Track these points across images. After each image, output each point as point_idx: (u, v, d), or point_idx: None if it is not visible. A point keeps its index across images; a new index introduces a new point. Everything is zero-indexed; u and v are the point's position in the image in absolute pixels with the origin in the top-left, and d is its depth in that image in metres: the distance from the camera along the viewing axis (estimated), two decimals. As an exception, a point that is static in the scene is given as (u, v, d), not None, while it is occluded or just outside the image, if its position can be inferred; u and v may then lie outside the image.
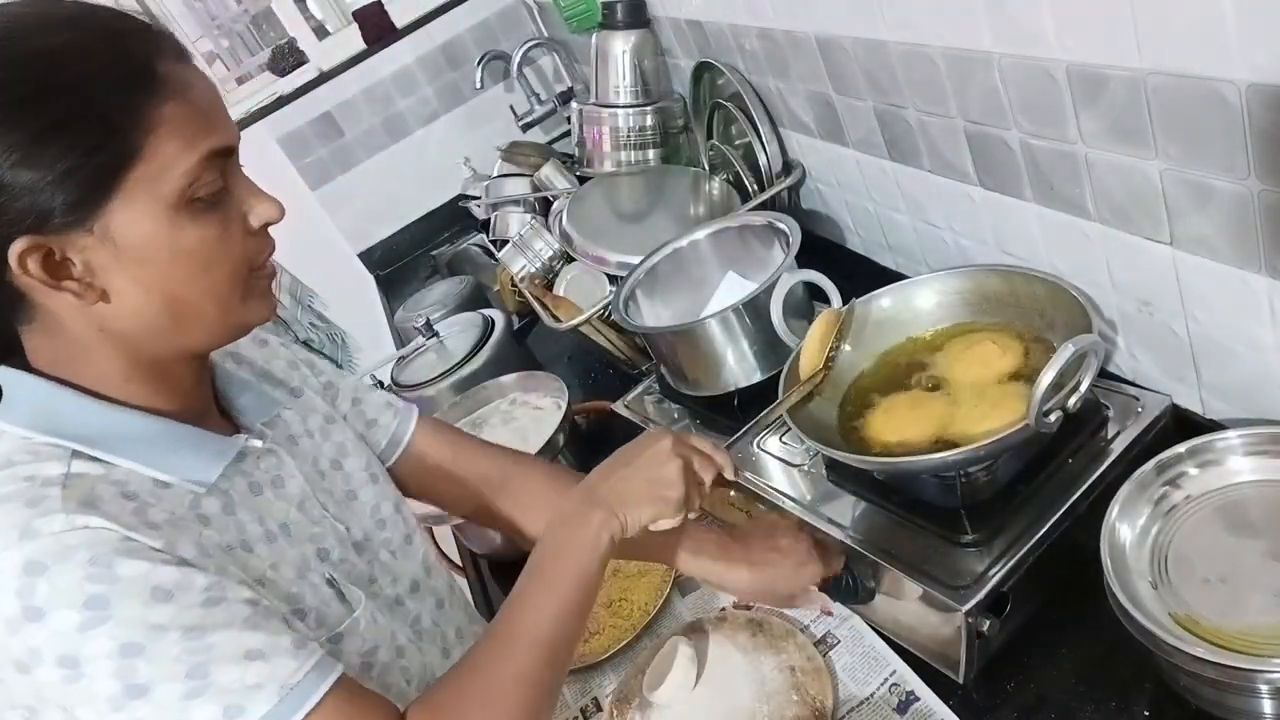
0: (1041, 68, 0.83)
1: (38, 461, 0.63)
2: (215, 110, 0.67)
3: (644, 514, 0.78)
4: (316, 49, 2.61)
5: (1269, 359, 0.81)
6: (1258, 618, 0.70)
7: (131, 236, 0.63)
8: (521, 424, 1.43)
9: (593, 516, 0.77)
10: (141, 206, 0.63)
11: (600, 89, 1.73)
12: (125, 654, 0.58)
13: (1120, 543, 0.78)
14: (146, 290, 0.65)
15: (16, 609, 0.57)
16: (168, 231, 0.64)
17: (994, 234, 1.08)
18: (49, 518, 0.59)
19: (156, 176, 0.62)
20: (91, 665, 0.58)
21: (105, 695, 0.58)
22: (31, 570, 0.57)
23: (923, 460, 0.88)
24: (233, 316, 0.71)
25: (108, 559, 0.59)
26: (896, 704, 0.88)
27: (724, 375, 1.19)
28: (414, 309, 1.98)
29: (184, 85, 0.64)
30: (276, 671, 0.62)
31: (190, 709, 0.59)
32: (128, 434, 0.68)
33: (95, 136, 0.60)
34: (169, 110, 0.62)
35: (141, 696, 0.58)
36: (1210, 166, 0.73)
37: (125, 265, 0.64)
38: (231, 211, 0.68)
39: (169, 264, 0.65)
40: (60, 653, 0.58)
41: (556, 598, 0.74)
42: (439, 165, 2.54)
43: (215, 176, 0.66)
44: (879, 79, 1.09)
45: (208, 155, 0.64)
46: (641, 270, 1.34)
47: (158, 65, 0.63)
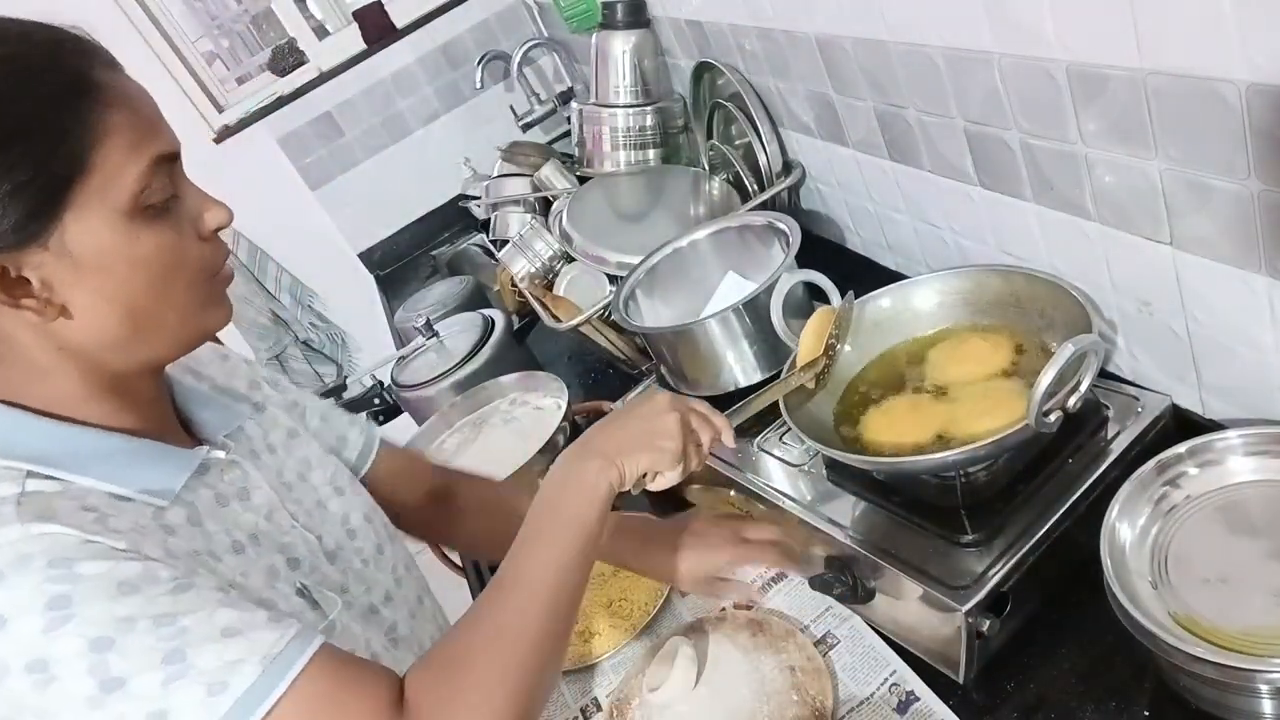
0: (1041, 68, 0.83)
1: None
2: (156, 117, 0.67)
3: (640, 462, 0.78)
4: (317, 49, 2.61)
5: (1269, 359, 0.81)
6: (1258, 618, 0.69)
7: (88, 248, 0.62)
8: (521, 424, 1.43)
9: (589, 464, 0.76)
10: (96, 217, 0.62)
11: (600, 89, 1.73)
12: (96, 649, 0.57)
13: (1120, 543, 0.78)
14: (108, 302, 0.65)
15: None
16: (124, 240, 0.64)
17: (994, 234, 1.08)
18: (4, 529, 0.58)
19: (107, 186, 0.62)
20: (62, 666, 0.57)
21: (82, 695, 0.57)
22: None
23: (923, 460, 0.88)
24: (192, 323, 0.70)
25: (67, 561, 0.58)
26: (896, 704, 0.88)
27: (724, 375, 1.19)
28: (414, 309, 1.98)
29: (123, 94, 0.64)
30: (256, 645, 0.61)
31: (171, 694, 0.58)
32: (84, 451, 0.67)
33: (42, 150, 0.60)
34: (112, 118, 0.62)
35: (119, 690, 0.57)
36: (1210, 166, 0.73)
37: (84, 278, 0.63)
38: (183, 218, 0.68)
39: (128, 273, 0.64)
40: (28, 659, 0.57)
41: (555, 545, 0.73)
42: (439, 165, 2.54)
43: (165, 183, 0.66)
44: (879, 79, 1.09)
45: (154, 160, 0.64)
46: (641, 270, 1.34)
47: (95, 75, 0.63)
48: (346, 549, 0.85)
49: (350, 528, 0.87)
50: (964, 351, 1.00)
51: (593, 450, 0.78)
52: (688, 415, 0.81)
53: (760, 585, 1.07)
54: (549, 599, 0.70)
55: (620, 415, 0.82)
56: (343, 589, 0.81)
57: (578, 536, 0.74)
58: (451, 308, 1.91)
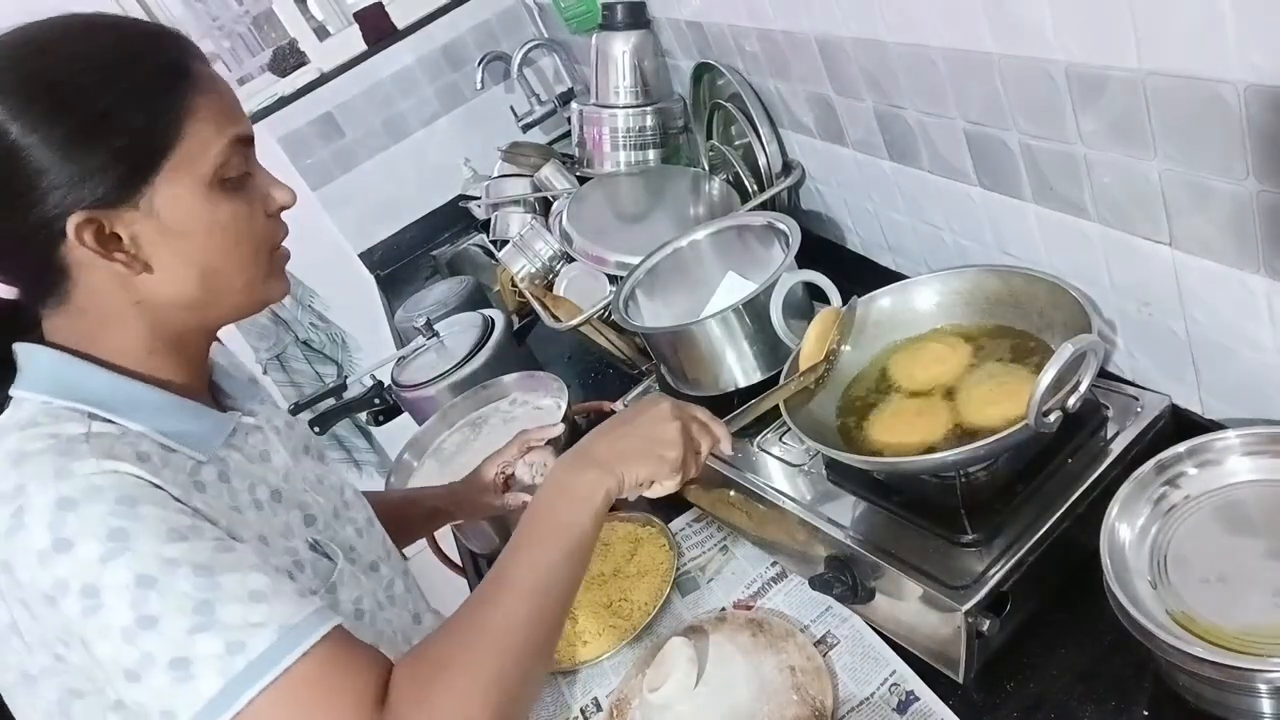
0: (1041, 68, 0.83)
1: (58, 422, 0.68)
2: (237, 105, 0.75)
3: (640, 471, 0.78)
4: (317, 50, 2.61)
5: (1268, 359, 0.81)
6: (1257, 617, 0.70)
7: (174, 211, 0.70)
8: (522, 424, 1.43)
9: (587, 472, 0.77)
10: (182, 184, 0.70)
11: (600, 89, 1.73)
12: (140, 585, 0.62)
13: (1120, 542, 0.78)
14: (185, 262, 0.73)
15: (48, 541, 0.62)
16: (205, 207, 0.72)
17: (994, 234, 1.08)
18: (82, 461, 0.64)
19: (194, 158, 0.70)
20: (109, 595, 0.61)
21: (120, 626, 0.61)
22: (63, 506, 0.62)
23: (923, 460, 0.88)
24: (256, 291, 0.78)
25: (132, 499, 0.64)
26: (896, 704, 0.88)
27: (724, 375, 1.19)
28: (414, 309, 1.98)
29: (211, 82, 0.73)
30: (277, 613, 0.64)
31: (195, 643, 0.62)
32: (138, 400, 0.73)
33: (142, 121, 0.68)
34: (202, 101, 0.71)
35: (152, 627, 0.61)
36: (1209, 167, 0.73)
37: (168, 238, 0.71)
38: (254, 195, 0.76)
39: (206, 237, 0.72)
40: (84, 582, 0.61)
41: (545, 551, 0.74)
42: (439, 165, 2.54)
43: (241, 161, 0.74)
44: (879, 79, 1.09)
45: (233, 140, 0.73)
46: (641, 270, 1.34)
47: (189, 64, 0.72)
48: (344, 516, 0.92)
49: (345, 499, 0.95)
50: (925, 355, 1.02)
51: (591, 458, 0.79)
52: (689, 423, 0.82)
53: (760, 585, 1.08)
54: (535, 604, 0.71)
55: (622, 422, 0.82)
56: (350, 547, 0.88)
57: (568, 543, 0.74)
58: (451, 308, 1.91)
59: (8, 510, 0.63)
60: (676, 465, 0.80)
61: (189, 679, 0.61)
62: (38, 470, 0.64)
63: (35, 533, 0.62)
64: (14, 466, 0.64)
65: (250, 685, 0.61)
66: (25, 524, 0.62)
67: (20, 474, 0.64)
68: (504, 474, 1.18)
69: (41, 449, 0.65)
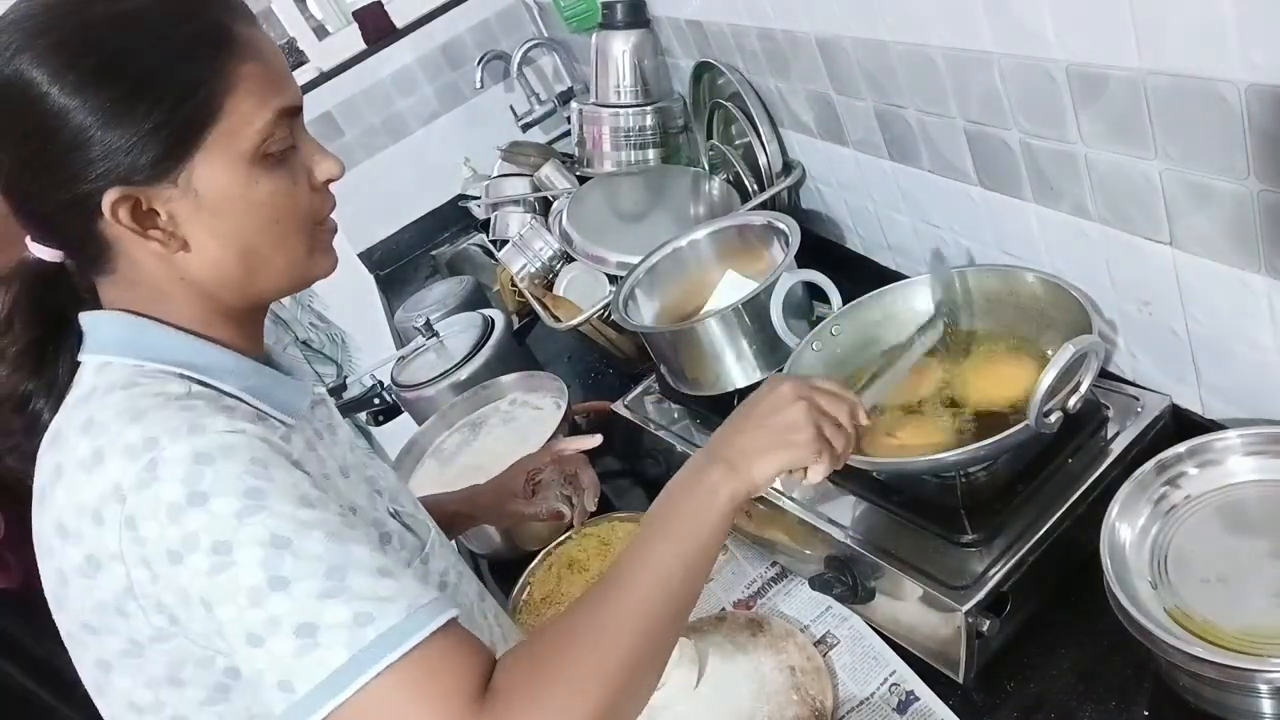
0: (1041, 68, 0.83)
1: (159, 383, 0.67)
2: (284, 71, 0.70)
3: (771, 463, 0.73)
4: (316, 49, 2.61)
5: (1269, 359, 0.81)
6: (1257, 618, 0.70)
7: (211, 189, 0.67)
8: (521, 424, 1.43)
9: (710, 472, 0.72)
10: (220, 161, 0.66)
11: (600, 89, 1.73)
12: (275, 544, 0.60)
13: (1120, 542, 0.78)
14: (223, 240, 0.69)
15: (182, 495, 0.60)
16: (243, 184, 0.68)
17: (994, 234, 1.08)
18: (213, 417, 0.63)
19: (234, 133, 0.66)
20: (242, 552, 0.59)
21: (248, 586, 0.59)
22: (201, 460, 0.60)
23: (923, 460, 0.88)
24: (299, 267, 0.75)
25: (264, 460, 0.63)
26: (896, 704, 0.88)
27: (724, 375, 1.19)
28: (414, 309, 1.98)
29: (256, 47, 0.68)
30: (406, 590, 0.62)
31: (324, 609, 0.59)
32: (225, 365, 0.71)
33: (179, 95, 0.64)
34: (245, 70, 0.66)
35: (282, 589, 0.59)
36: (1210, 167, 0.73)
37: (205, 216, 0.68)
38: (298, 168, 0.72)
39: (244, 215, 0.69)
40: (216, 538, 0.59)
41: (664, 552, 0.70)
42: (439, 165, 2.54)
43: (286, 134, 0.70)
44: (879, 79, 1.09)
45: (279, 113, 0.68)
46: (641, 270, 1.34)
47: (233, 28, 0.67)
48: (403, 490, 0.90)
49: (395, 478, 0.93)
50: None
51: (717, 456, 0.73)
52: (815, 398, 0.75)
53: (760, 585, 1.08)
54: (651, 606, 0.68)
55: (744, 413, 0.76)
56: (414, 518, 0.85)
57: (688, 545, 0.70)
58: (451, 308, 1.91)
59: (138, 464, 0.60)
60: (814, 446, 0.73)
61: (315, 648, 0.58)
62: (169, 424, 0.62)
63: (169, 486, 0.60)
64: (134, 421, 0.62)
65: (376, 661, 0.58)
66: (159, 476, 0.60)
67: (147, 427, 0.62)
68: (533, 481, 1.15)
69: (158, 403, 0.64)
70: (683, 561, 0.69)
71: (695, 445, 1.22)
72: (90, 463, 0.62)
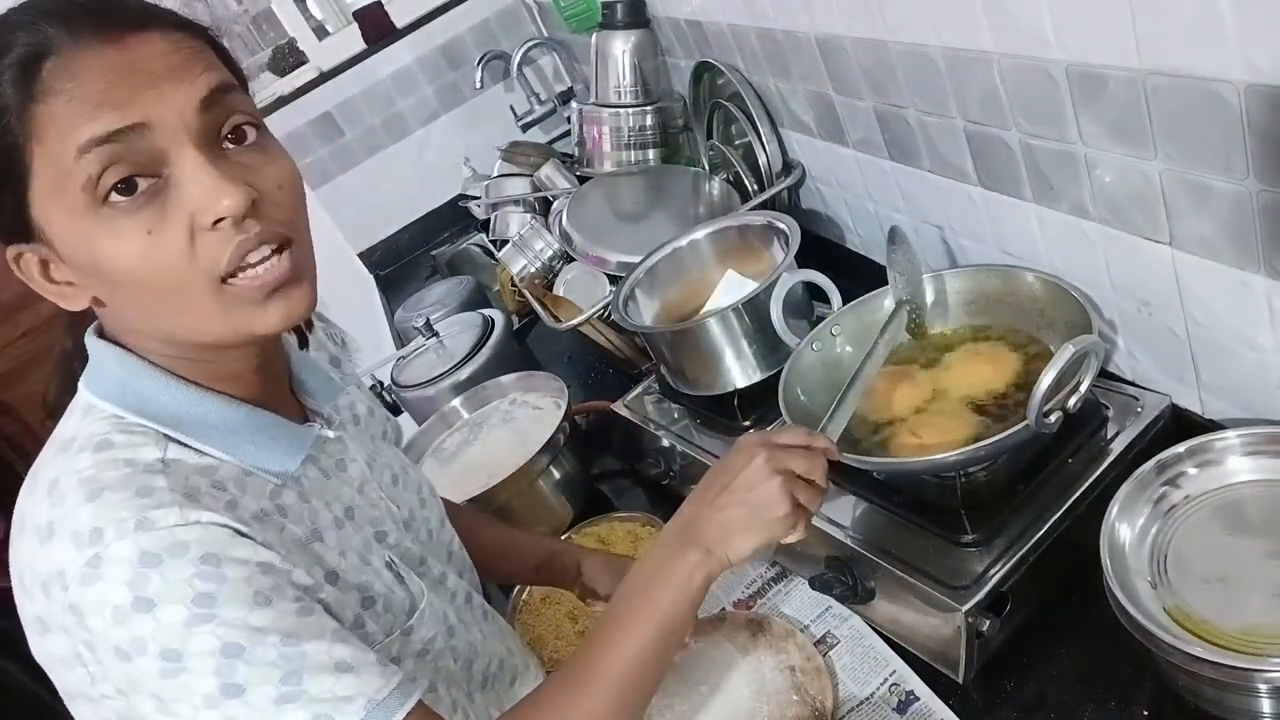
0: (1041, 68, 0.83)
1: (133, 445, 0.63)
2: (111, 89, 0.57)
3: (748, 543, 0.72)
4: (316, 49, 2.61)
5: (1268, 359, 0.81)
6: (1257, 617, 0.70)
7: (66, 249, 0.60)
8: (521, 424, 1.43)
9: (688, 556, 0.71)
10: (58, 220, 0.59)
11: (600, 89, 1.73)
12: (227, 654, 0.58)
13: (1120, 542, 0.78)
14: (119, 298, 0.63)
15: (127, 599, 0.57)
16: (90, 241, 0.58)
17: (994, 234, 1.08)
18: (164, 510, 0.59)
19: (57, 184, 0.57)
20: (193, 661, 0.58)
21: (202, 692, 0.58)
22: (146, 562, 0.57)
23: (923, 460, 0.88)
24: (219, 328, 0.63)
25: (216, 558, 0.59)
26: (896, 704, 0.88)
27: (724, 375, 1.19)
28: (414, 309, 1.98)
29: (69, 75, 0.56)
30: (365, 686, 0.61)
31: (281, 713, 0.59)
32: (212, 421, 0.67)
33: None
34: (45, 110, 0.56)
35: (237, 696, 0.58)
36: (1209, 167, 0.73)
37: (84, 276, 0.62)
38: (173, 208, 0.59)
39: (108, 276, 0.60)
40: (165, 646, 0.57)
41: (638, 638, 0.70)
42: (439, 165, 2.54)
43: (125, 169, 0.57)
44: (879, 79, 1.09)
45: (83, 148, 0.56)
46: (641, 270, 1.34)
47: (44, 63, 0.57)
48: (418, 518, 0.86)
49: (422, 496, 0.88)
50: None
51: (693, 537, 0.72)
52: (789, 465, 0.73)
53: (760, 585, 1.08)
54: (621, 695, 0.68)
55: (719, 486, 0.74)
56: (420, 560, 0.82)
57: (663, 631, 0.70)
58: (451, 308, 1.91)
59: (83, 556, 0.57)
60: (789, 521, 0.73)
61: None
62: (116, 514, 0.58)
63: (114, 588, 0.57)
64: (89, 500, 0.59)
65: None
66: (103, 575, 0.57)
67: (97, 513, 0.58)
68: None
69: (118, 481, 0.60)
70: (657, 645, 0.70)
71: (695, 445, 1.22)
72: (44, 533, 0.60)
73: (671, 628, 0.71)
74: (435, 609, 0.79)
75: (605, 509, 1.30)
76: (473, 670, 0.84)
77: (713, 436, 1.22)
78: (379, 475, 0.82)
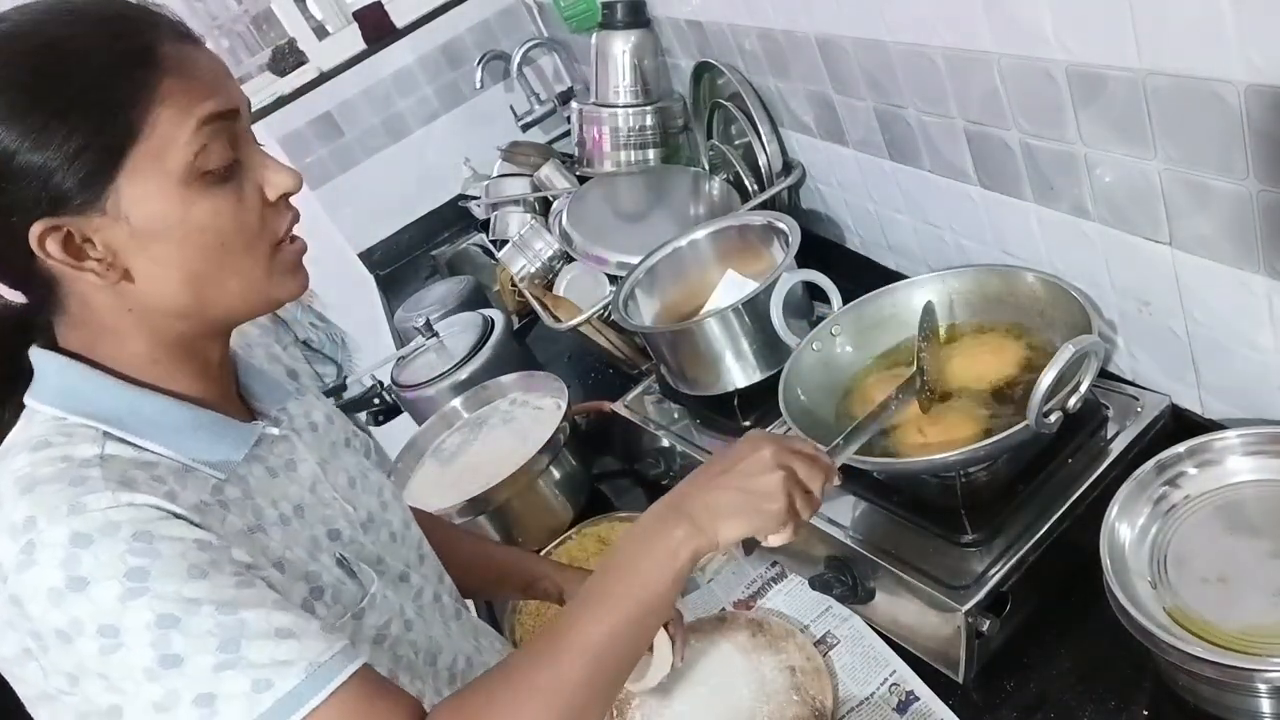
0: (1041, 68, 0.83)
1: (71, 442, 0.65)
2: (216, 78, 0.67)
3: (738, 528, 0.71)
4: (316, 49, 2.61)
5: (1268, 359, 0.81)
6: (1257, 617, 0.70)
7: (143, 213, 0.64)
8: (521, 424, 1.43)
9: (675, 528, 0.70)
10: (149, 183, 0.64)
11: (600, 89, 1.73)
12: (162, 624, 0.59)
13: (1120, 542, 0.78)
14: (167, 267, 0.66)
15: (61, 580, 0.58)
16: (178, 207, 0.65)
17: (994, 234, 1.08)
18: (96, 495, 0.61)
19: (160, 152, 0.64)
20: (129, 635, 0.59)
21: (141, 665, 0.59)
22: (78, 543, 0.59)
23: (923, 460, 0.88)
24: (257, 292, 0.71)
25: (149, 535, 0.60)
26: (896, 704, 0.88)
27: (724, 375, 1.19)
28: (414, 309, 1.98)
29: (181, 60, 0.65)
30: (305, 650, 0.62)
31: (221, 680, 0.60)
32: (154, 418, 0.69)
33: (96, 118, 0.62)
34: (166, 85, 0.63)
35: (175, 667, 0.59)
36: (1209, 167, 0.73)
37: (141, 243, 0.65)
38: (246, 185, 0.69)
39: (183, 239, 0.66)
40: (101, 622, 0.59)
41: (616, 611, 0.68)
42: (439, 165, 2.54)
43: (222, 148, 0.66)
44: (879, 79, 1.09)
45: (206, 119, 0.65)
46: (641, 270, 1.34)
47: (157, 46, 0.64)
48: (378, 520, 0.86)
49: (384, 500, 0.89)
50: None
51: (684, 512, 0.71)
52: (793, 465, 0.73)
53: (760, 585, 1.08)
54: (595, 667, 0.67)
55: (720, 469, 0.73)
56: (378, 559, 0.82)
57: (642, 605, 0.69)
58: (451, 308, 1.91)
59: (17, 544, 0.59)
60: (782, 519, 0.72)
61: (213, 715, 0.59)
62: (49, 502, 0.60)
63: (48, 571, 0.58)
64: (24, 494, 0.61)
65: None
66: (36, 560, 0.58)
67: (31, 504, 0.60)
68: None
69: (52, 475, 0.62)
70: (635, 619, 0.69)
71: (695, 445, 1.22)
72: None
73: (651, 602, 0.69)
74: (389, 600, 0.79)
75: (605, 509, 1.31)
76: (438, 665, 0.84)
77: (713, 436, 1.22)
78: (333, 478, 0.82)
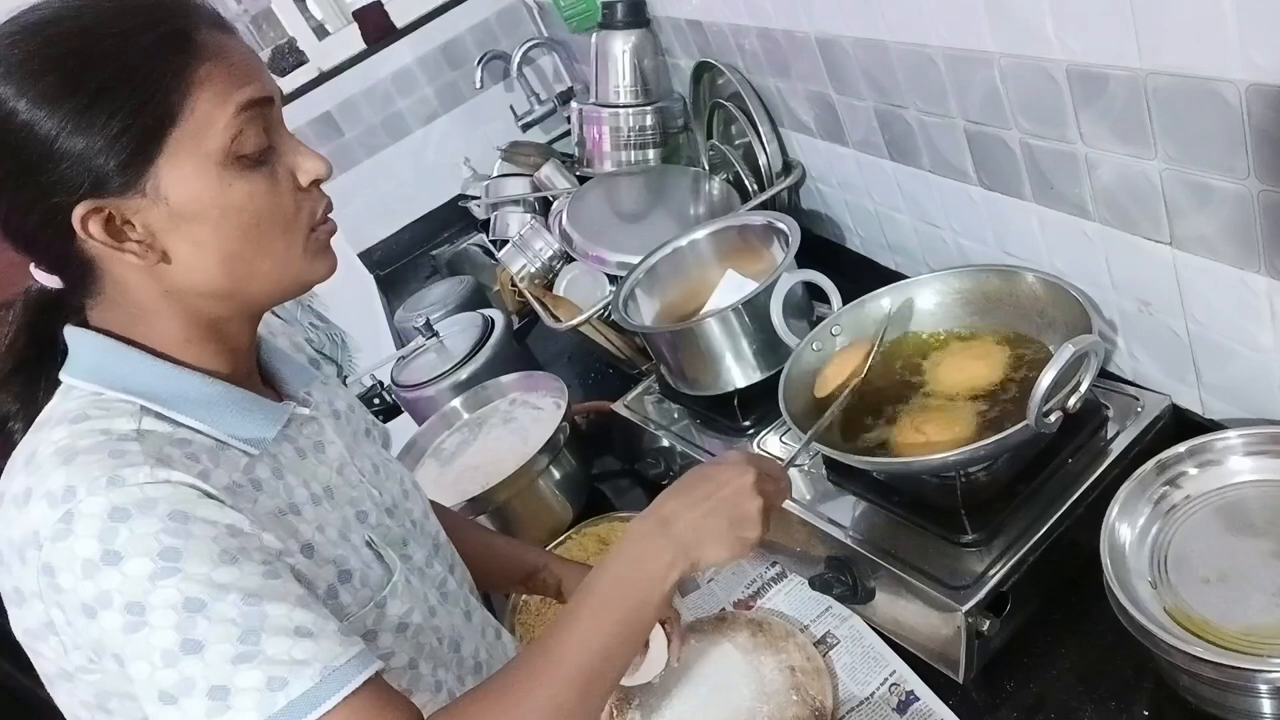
0: (1041, 68, 0.83)
1: (109, 416, 0.66)
2: (251, 66, 0.69)
3: (719, 555, 0.74)
4: (316, 49, 2.61)
5: (1269, 359, 0.81)
6: (1257, 617, 0.70)
7: (182, 194, 0.66)
8: (521, 424, 1.43)
9: (663, 555, 0.73)
10: (187, 165, 0.65)
11: (600, 89, 1.73)
12: (188, 608, 0.60)
13: (1120, 542, 0.78)
14: (204, 248, 0.68)
15: (96, 552, 0.59)
16: (216, 188, 0.67)
17: (994, 234, 1.08)
18: (134, 469, 0.62)
19: (198, 134, 0.65)
20: (156, 614, 0.59)
21: (161, 647, 0.59)
22: (116, 516, 0.60)
23: (923, 460, 0.88)
24: (292, 272, 0.73)
25: (184, 515, 0.62)
26: (896, 704, 0.88)
27: (724, 375, 1.19)
28: (414, 309, 1.98)
29: (218, 47, 0.67)
30: (322, 652, 0.62)
31: (237, 673, 0.60)
32: (189, 394, 0.70)
33: (136, 101, 0.63)
34: (204, 71, 0.65)
35: (195, 652, 0.60)
36: (1210, 166, 0.73)
37: (179, 225, 0.67)
38: (279, 169, 0.71)
39: (220, 220, 0.67)
40: (129, 598, 0.59)
41: (605, 629, 0.71)
42: (439, 165, 2.54)
43: (258, 133, 0.68)
44: (879, 79, 1.09)
45: (244, 106, 0.67)
46: (641, 270, 1.34)
47: (194, 32, 0.66)
48: (401, 507, 0.87)
49: (405, 488, 0.90)
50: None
51: (672, 537, 0.74)
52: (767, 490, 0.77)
53: (760, 585, 1.08)
54: (585, 682, 0.69)
55: (706, 491, 0.76)
56: (403, 542, 0.83)
57: (630, 624, 0.72)
58: (451, 308, 1.91)
59: (56, 513, 0.60)
60: (754, 545, 0.76)
61: (226, 710, 0.59)
62: (89, 473, 0.61)
63: (83, 542, 0.59)
64: (64, 464, 0.62)
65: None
66: (74, 530, 0.59)
67: (70, 474, 0.61)
68: None
69: (92, 446, 0.63)
70: (623, 637, 0.71)
71: (695, 445, 1.22)
72: (20, 500, 0.62)
73: (638, 624, 0.73)
74: (413, 587, 0.80)
75: (605, 509, 1.31)
76: (461, 652, 0.85)
77: (713, 436, 1.22)
78: (360, 462, 0.84)
